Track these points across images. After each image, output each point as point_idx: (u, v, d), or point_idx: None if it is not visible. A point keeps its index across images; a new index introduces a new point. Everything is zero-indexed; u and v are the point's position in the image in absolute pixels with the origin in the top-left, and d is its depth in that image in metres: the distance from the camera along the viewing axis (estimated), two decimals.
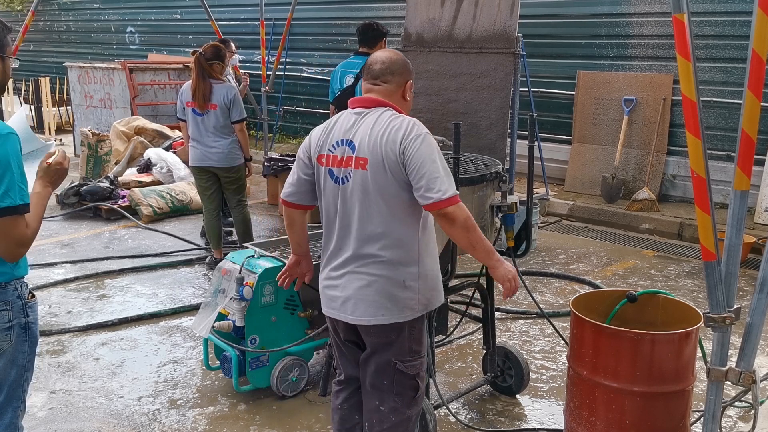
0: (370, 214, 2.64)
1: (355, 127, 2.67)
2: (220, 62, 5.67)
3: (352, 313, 2.70)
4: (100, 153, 8.87)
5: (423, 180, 2.55)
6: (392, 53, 2.81)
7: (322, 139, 2.73)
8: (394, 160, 2.58)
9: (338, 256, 2.73)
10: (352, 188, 2.64)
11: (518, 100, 7.26)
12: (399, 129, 2.60)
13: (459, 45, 7.43)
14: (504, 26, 7.16)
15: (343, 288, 2.71)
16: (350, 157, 2.64)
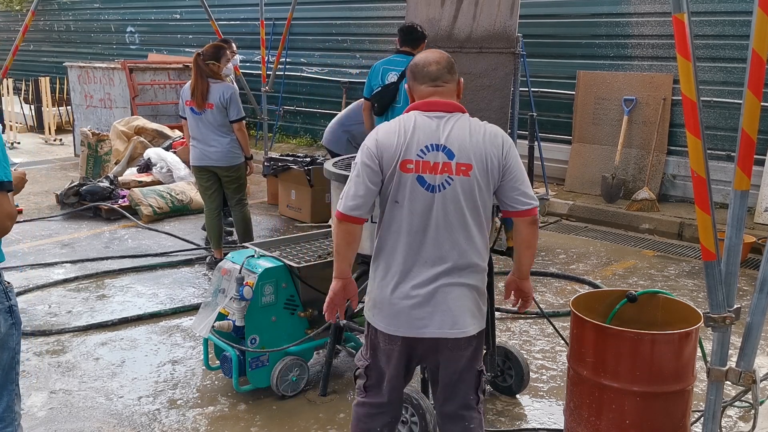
0: (468, 222, 2.60)
1: (443, 131, 2.58)
2: (215, 62, 5.68)
3: (451, 327, 2.60)
4: (100, 153, 8.87)
5: (523, 187, 2.62)
6: (441, 54, 2.74)
7: (402, 144, 2.55)
8: (497, 167, 2.60)
9: (428, 268, 2.59)
10: (453, 195, 2.57)
11: (518, 99, 7.29)
12: (497, 135, 2.63)
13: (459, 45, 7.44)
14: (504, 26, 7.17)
15: (436, 303, 2.59)
16: (448, 163, 2.55)
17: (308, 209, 7.52)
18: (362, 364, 2.81)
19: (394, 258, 2.62)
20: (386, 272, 2.64)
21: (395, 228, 2.61)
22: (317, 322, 3.96)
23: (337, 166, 3.68)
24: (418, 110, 2.64)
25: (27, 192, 8.78)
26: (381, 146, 2.58)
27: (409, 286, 2.61)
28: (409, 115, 2.64)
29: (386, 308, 2.64)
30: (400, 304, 2.61)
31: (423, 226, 2.58)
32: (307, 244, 4.34)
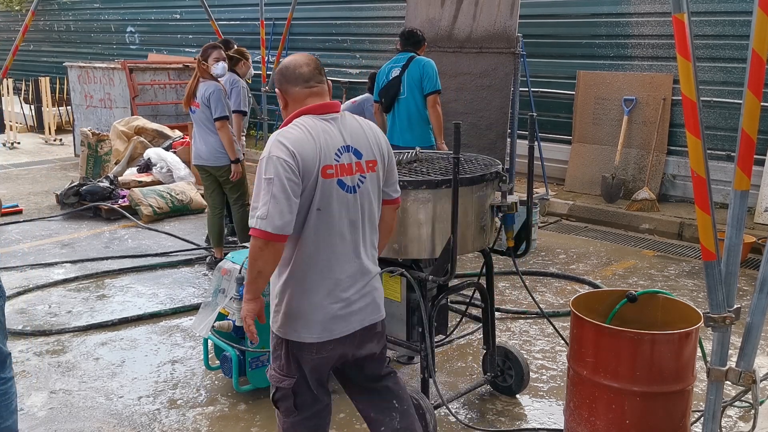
0: (374, 215, 2.69)
1: (343, 131, 2.60)
2: (204, 61, 5.73)
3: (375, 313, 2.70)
4: (100, 153, 8.87)
5: (397, 176, 2.81)
6: (309, 56, 2.72)
7: (318, 150, 2.50)
8: (387, 158, 2.72)
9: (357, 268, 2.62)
10: (366, 193, 2.62)
11: (518, 100, 7.31)
12: (378, 129, 2.76)
13: (459, 45, 7.45)
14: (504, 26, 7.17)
15: (366, 296, 2.66)
16: (358, 163, 2.59)
17: None
18: (287, 384, 2.67)
19: (323, 267, 2.56)
20: (317, 282, 2.57)
21: (321, 236, 2.54)
22: None
23: None
24: (311, 114, 2.59)
25: (27, 192, 8.78)
26: (299, 156, 2.46)
27: (344, 290, 2.60)
28: (307, 121, 2.56)
29: (320, 317, 2.57)
30: (336, 309, 2.59)
31: (349, 228, 2.59)
32: None
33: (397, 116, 6.00)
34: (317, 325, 2.57)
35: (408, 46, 6.08)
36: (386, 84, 5.99)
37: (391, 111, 6.03)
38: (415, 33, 6.12)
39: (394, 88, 5.93)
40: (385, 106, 6.05)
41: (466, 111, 7.39)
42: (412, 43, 6.07)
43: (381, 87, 6.05)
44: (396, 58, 6.10)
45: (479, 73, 7.34)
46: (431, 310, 3.48)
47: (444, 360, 4.37)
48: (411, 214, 3.32)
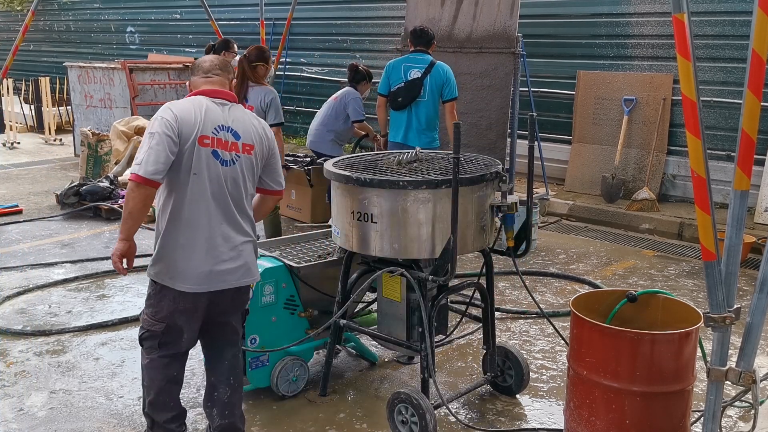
0: (248, 193, 3.13)
1: (229, 116, 3.07)
2: (264, 63, 5.78)
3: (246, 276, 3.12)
4: (100, 153, 8.87)
5: (279, 169, 3.27)
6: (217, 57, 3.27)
7: (200, 121, 2.96)
8: (268, 150, 3.18)
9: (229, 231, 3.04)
10: (240, 170, 3.06)
11: (518, 99, 7.31)
12: (266, 127, 3.22)
13: (459, 45, 7.45)
14: (504, 26, 7.17)
15: (237, 259, 3.06)
16: (235, 143, 3.05)
17: (308, 209, 7.52)
18: (158, 329, 3.06)
19: (198, 225, 2.98)
20: (190, 239, 2.97)
21: (195, 197, 2.97)
22: (317, 322, 3.96)
23: (338, 166, 3.68)
24: (204, 96, 3.07)
25: (27, 192, 8.78)
26: (180, 120, 2.91)
27: (216, 248, 3.00)
28: (197, 98, 3.05)
29: (192, 271, 2.97)
30: (208, 266, 2.99)
31: (220, 194, 3.01)
32: (307, 244, 4.35)
33: (415, 117, 6.15)
34: (191, 278, 2.97)
35: (420, 45, 6.21)
36: (406, 84, 6.07)
37: (407, 111, 6.14)
38: (426, 31, 6.25)
39: (416, 89, 6.05)
40: (400, 104, 6.12)
41: (466, 111, 7.39)
42: (425, 42, 6.20)
43: (397, 85, 6.11)
44: (412, 58, 6.19)
45: (479, 73, 7.34)
46: (431, 310, 3.48)
47: (444, 360, 4.38)
48: (411, 214, 3.33)
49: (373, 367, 4.29)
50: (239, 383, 3.32)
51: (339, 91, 7.07)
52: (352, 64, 7.11)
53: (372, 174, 3.45)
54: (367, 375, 4.20)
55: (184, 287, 2.97)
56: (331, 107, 6.92)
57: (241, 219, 3.09)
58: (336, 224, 3.66)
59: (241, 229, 3.09)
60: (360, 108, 6.82)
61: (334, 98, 6.97)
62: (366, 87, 7.04)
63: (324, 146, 6.91)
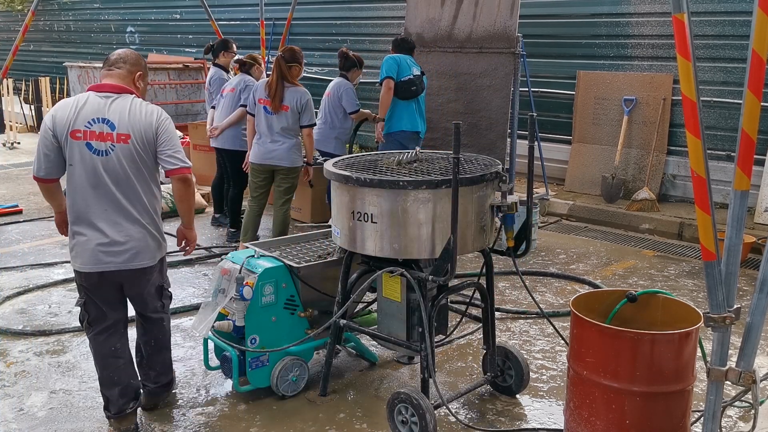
0: (132, 179, 3.33)
1: (108, 108, 3.31)
2: (297, 64, 5.90)
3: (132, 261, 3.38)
4: None
5: (173, 152, 3.37)
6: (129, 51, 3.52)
7: (72, 117, 3.27)
8: (152, 136, 3.34)
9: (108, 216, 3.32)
10: (116, 158, 3.30)
11: (518, 100, 7.30)
12: (152, 113, 3.37)
13: (459, 45, 7.45)
14: (504, 26, 7.17)
15: (123, 244, 3.33)
16: (110, 134, 3.28)
17: (308, 209, 7.52)
18: (80, 304, 3.48)
19: (80, 211, 3.33)
20: (76, 223, 3.35)
21: (74, 187, 3.31)
22: (317, 322, 3.96)
23: (337, 166, 3.68)
24: (92, 91, 3.36)
25: (27, 192, 8.78)
26: (54, 120, 3.29)
27: (95, 233, 3.32)
28: (84, 94, 3.36)
29: (82, 252, 3.34)
30: (91, 247, 3.32)
31: (96, 183, 3.29)
32: (307, 244, 4.34)
33: (422, 107, 6.84)
34: (82, 258, 3.35)
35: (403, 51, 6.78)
36: (412, 78, 6.60)
37: (414, 101, 6.69)
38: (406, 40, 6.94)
39: (422, 85, 6.70)
40: (413, 94, 6.62)
41: (466, 111, 7.39)
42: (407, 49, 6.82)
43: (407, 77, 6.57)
44: (407, 57, 6.73)
45: (479, 73, 7.34)
46: (431, 310, 3.48)
47: (444, 360, 4.38)
48: (411, 214, 3.33)
49: (373, 367, 4.29)
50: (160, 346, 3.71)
51: (330, 84, 7.02)
52: (341, 50, 7.05)
53: (372, 174, 3.45)
54: (367, 375, 4.20)
55: (77, 267, 3.37)
56: (328, 104, 6.91)
57: (130, 205, 3.34)
58: (336, 224, 3.66)
59: (130, 216, 3.34)
60: (354, 98, 6.83)
61: (327, 94, 6.95)
62: (357, 74, 7.01)
63: (329, 145, 6.91)
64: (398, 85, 6.53)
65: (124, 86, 3.38)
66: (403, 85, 6.54)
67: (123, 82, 3.39)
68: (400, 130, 6.61)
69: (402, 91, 6.55)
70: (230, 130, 6.79)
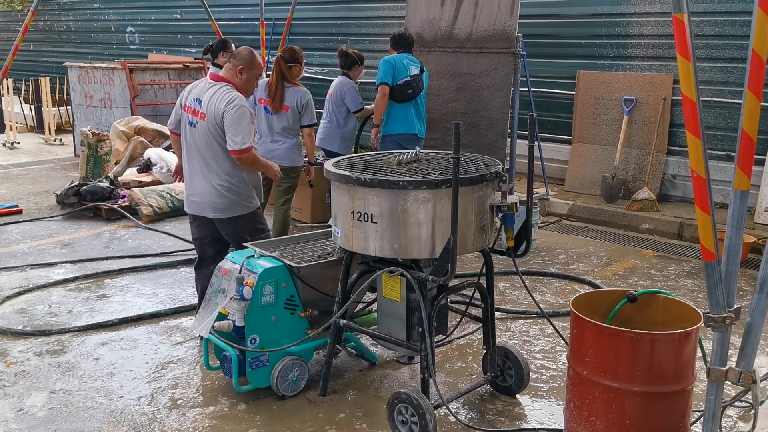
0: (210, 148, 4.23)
1: (205, 91, 4.23)
2: (297, 64, 5.90)
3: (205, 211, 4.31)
4: (100, 153, 8.87)
5: (231, 134, 4.13)
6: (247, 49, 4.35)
7: (187, 94, 4.34)
8: (220, 118, 4.14)
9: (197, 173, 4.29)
10: (199, 131, 4.23)
11: (518, 99, 7.30)
12: (223, 100, 4.14)
13: (459, 45, 7.45)
14: (504, 26, 7.17)
15: (202, 195, 4.29)
16: (198, 111, 4.23)
17: (308, 209, 7.52)
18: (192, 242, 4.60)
19: (186, 167, 4.38)
20: (185, 176, 4.41)
21: (184, 148, 4.37)
22: (317, 322, 3.96)
23: (337, 166, 3.68)
24: (209, 78, 4.30)
25: (27, 192, 8.79)
26: (183, 93, 4.41)
27: (192, 184, 4.34)
28: (203, 79, 4.37)
29: (186, 198, 4.43)
30: (188, 196, 4.40)
31: (187, 146, 4.33)
32: (307, 244, 4.34)
33: (421, 109, 6.77)
34: (186, 203, 4.45)
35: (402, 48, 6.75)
36: (410, 79, 6.55)
37: (412, 103, 6.66)
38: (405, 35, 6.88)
39: (420, 83, 6.62)
40: (409, 96, 6.58)
41: (466, 111, 7.39)
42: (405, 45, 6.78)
43: (404, 79, 6.53)
44: (406, 56, 6.68)
45: (479, 73, 7.33)
46: (431, 310, 3.48)
47: (444, 360, 4.38)
48: (411, 214, 3.33)
49: (373, 367, 4.29)
50: None
51: (332, 83, 7.00)
52: (340, 49, 7.01)
53: (372, 174, 3.45)
54: (367, 375, 4.20)
55: (185, 208, 4.48)
56: (331, 104, 6.90)
57: (206, 168, 4.25)
58: (336, 224, 3.66)
59: (204, 176, 4.26)
60: (357, 97, 6.82)
61: (330, 94, 6.94)
62: (359, 70, 6.97)
63: (334, 144, 6.89)
64: (394, 89, 6.50)
65: (222, 76, 4.25)
66: (399, 89, 6.51)
67: (227, 74, 4.26)
68: (396, 132, 6.58)
69: (398, 94, 6.53)
70: None
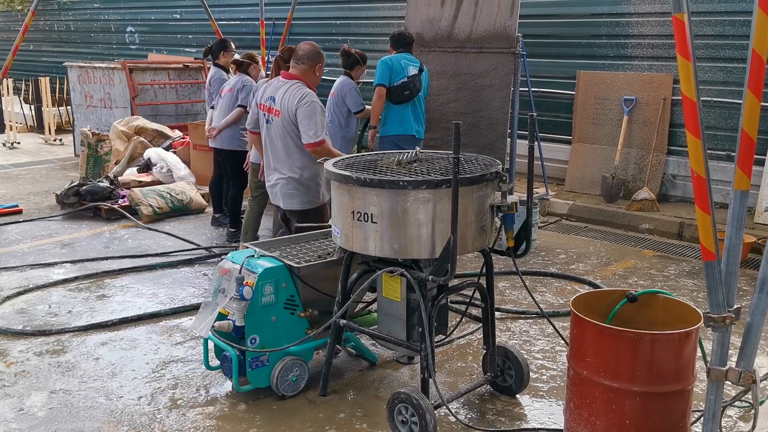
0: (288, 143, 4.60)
1: (278, 90, 4.58)
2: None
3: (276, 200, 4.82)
4: (100, 153, 8.87)
5: (304, 128, 4.47)
6: (311, 45, 4.67)
7: (262, 93, 4.77)
8: (293, 113, 4.49)
9: (272, 166, 4.73)
10: (275, 127, 4.61)
11: (518, 99, 7.30)
12: (295, 98, 4.49)
13: (459, 45, 7.45)
14: (504, 26, 7.17)
15: (273, 187, 4.75)
16: (272, 108, 4.60)
17: None
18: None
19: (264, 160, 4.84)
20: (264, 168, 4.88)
21: (263, 143, 4.78)
22: (317, 322, 3.96)
23: (337, 166, 3.68)
24: (279, 77, 4.69)
25: (27, 192, 8.79)
26: (256, 94, 4.93)
27: (269, 177, 4.78)
28: (275, 78, 4.77)
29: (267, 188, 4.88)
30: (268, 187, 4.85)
31: (266, 142, 4.75)
32: (307, 244, 4.34)
33: (419, 110, 6.76)
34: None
35: (402, 47, 6.78)
36: (407, 80, 6.57)
37: (410, 104, 6.66)
38: (405, 34, 6.92)
39: (418, 84, 6.62)
40: (406, 98, 6.59)
41: (466, 111, 7.39)
42: (405, 44, 6.78)
43: (401, 80, 6.54)
44: (404, 56, 6.69)
45: (479, 73, 7.33)
46: (431, 310, 3.48)
47: (444, 360, 4.38)
48: (411, 214, 3.33)
49: (373, 367, 4.29)
50: None
51: (334, 84, 6.99)
52: (342, 48, 6.96)
53: (372, 174, 3.45)
54: (367, 375, 4.20)
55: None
56: (333, 104, 6.89)
57: (282, 162, 4.66)
58: (336, 224, 3.66)
59: (281, 169, 4.68)
60: (358, 97, 6.79)
61: (332, 94, 6.92)
62: (360, 71, 6.93)
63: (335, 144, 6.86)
64: (391, 90, 6.51)
65: (294, 75, 4.60)
66: (396, 90, 6.51)
67: (298, 72, 4.60)
68: (393, 134, 6.58)
69: (395, 96, 6.53)
70: (228, 131, 6.79)
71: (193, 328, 3.92)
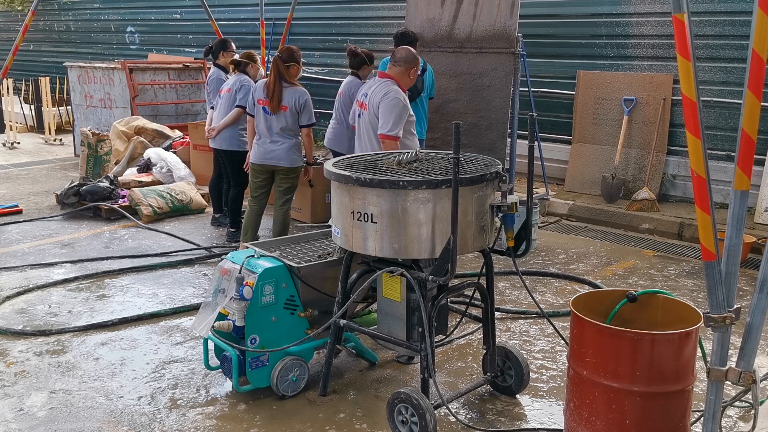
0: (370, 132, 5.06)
1: (371, 87, 5.04)
2: (296, 64, 5.95)
3: None
4: (100, 153, 8.87)
5: (382, 121, 4.84)
6: (408, 50, 5.04)
7: (359, 94, 5.34)
8: (376, 108, 4.90)
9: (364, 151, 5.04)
10: (365, 119, 5.10)
11: (518, 99, 7.30)
12: (378, 93, 4.91)
13: (459, 45, 7.45)
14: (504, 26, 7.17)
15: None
16: (364, 103, 5.11)
17: (308, 209, 7.52)
18: None
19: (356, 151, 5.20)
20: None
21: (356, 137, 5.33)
22: (317, 322, 3.96)
23: (337, 166, 3.68)
24: (376, 77, 5.09)
25: (27, 192, 8.79)
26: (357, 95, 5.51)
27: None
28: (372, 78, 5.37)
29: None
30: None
31: (359, 132, 5.22)
32: (307, 244, 4.34)
33: (423, 112, 6.65)
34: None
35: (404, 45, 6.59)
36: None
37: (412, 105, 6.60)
38: (407, 34, 6.92)
39: (420, 84, 6.55)
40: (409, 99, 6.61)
41: (466, 111, 7.39)
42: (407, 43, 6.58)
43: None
44: None
45: (479, 73, 7.33)
46: (431, 310, 3.48)
47: (444, 360, 4.38)
48: (411, 214, 3.33)
49: (373, 367, 4.29)
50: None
51: (342, 84, 6.97)
52: (349, 48, 6.93)
53: (372, 174, 3.45)
54: (367, 375, 4.20)
55: None
56: (340, 105, 6.87)
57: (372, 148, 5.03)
58: (336, 224, 3.66)
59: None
60: None
61: (340, 94, 6.90)
62: (368, 70, 6.90)
63: (343, 145, 6.84)
64: None
65: (389, 74, 4.96)
66: None
67: (392, 72, 4.94)
68: None
69: None
70: (228, 131, 6.78)
71: (193, 328, 3.91)
